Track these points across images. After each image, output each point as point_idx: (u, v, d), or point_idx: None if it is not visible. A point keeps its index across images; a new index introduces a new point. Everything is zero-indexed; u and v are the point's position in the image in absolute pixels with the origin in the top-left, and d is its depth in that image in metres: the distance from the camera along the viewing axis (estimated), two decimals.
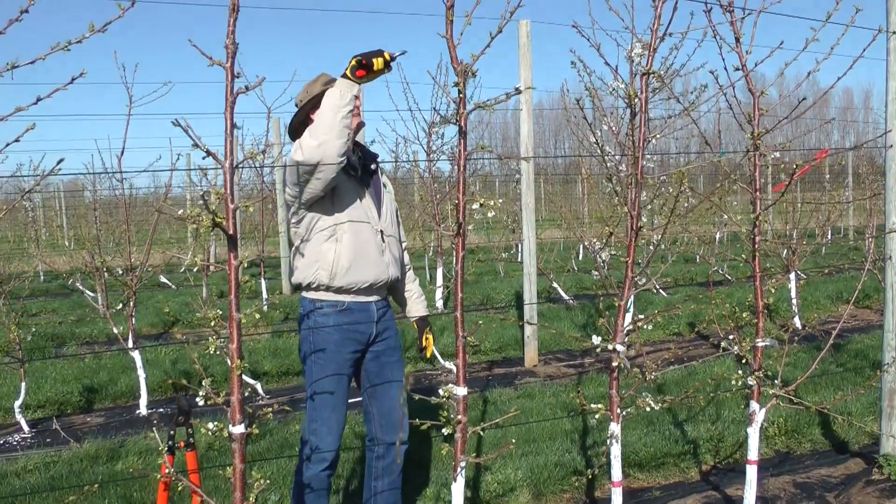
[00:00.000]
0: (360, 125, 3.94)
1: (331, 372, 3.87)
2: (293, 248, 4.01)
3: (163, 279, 15.87)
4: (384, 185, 4.19)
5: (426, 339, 4.32)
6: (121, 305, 7.57)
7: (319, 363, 3.87)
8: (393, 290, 4.32)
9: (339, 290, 3.90)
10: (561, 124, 69.13)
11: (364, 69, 3.60)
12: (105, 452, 5.73)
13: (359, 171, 3.98)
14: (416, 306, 4.39)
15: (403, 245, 4.35)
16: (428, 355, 4.35)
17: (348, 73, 3.60)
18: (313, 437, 3.87)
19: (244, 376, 6.79)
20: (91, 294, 12.37)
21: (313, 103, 3.93)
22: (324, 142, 3.56)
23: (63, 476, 5.30)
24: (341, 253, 3.85)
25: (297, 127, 4.06)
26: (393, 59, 3.63)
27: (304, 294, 3.99)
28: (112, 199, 13.05)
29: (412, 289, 4.39)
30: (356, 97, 3.66)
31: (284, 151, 13.88)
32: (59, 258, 18.89)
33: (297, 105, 4.08)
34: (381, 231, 4.01)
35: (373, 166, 4.11)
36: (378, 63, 3.58)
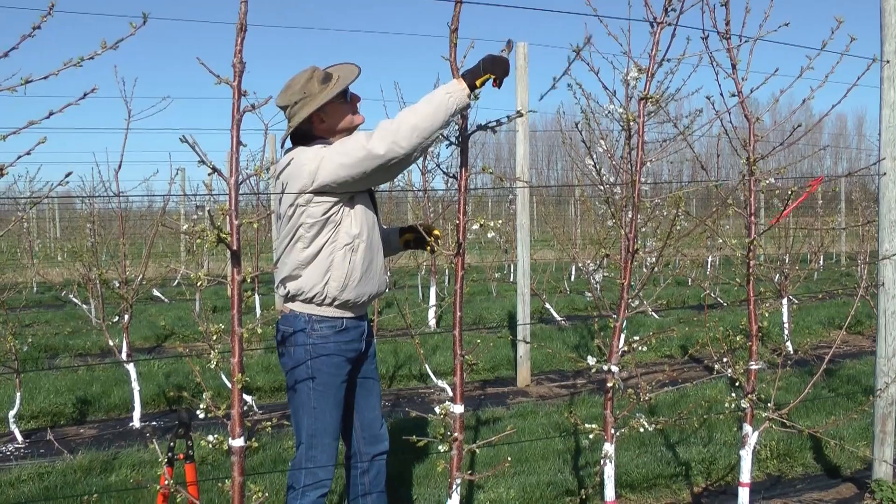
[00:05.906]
0: (360, 123, 3.72)
1: (331, 398, 3.69)
2: (294, 258, 3.62)
3: (155, 292, 15.85)
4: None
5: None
6: (116, 318, 7.58)
7: (319, 389, 3.65)
8: None
9: (343, 305, 3.66)
10: (554, 145, 69.37)
11: (485, 80, 3.16)
12: (99, 464, 5.73)
13: None
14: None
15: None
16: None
17: (478, 83, 3.16)
18: (312, 464, 3.67)
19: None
20: (84, 306, 12.37)
21: (318, 108, 3.57)
22: (413, 145, 3.26)
23: (57, 487, 5.30)
24: (357, 264, 3.63)
25: (301, 135, 3.70)
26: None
27: (301, 310, 3.65)
28: (107, 211, 13.04)
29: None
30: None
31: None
32: (52, 269, 18.85)
33: (281, 106, 3.68)
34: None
35: None
36: (497, 83, 3.19)
